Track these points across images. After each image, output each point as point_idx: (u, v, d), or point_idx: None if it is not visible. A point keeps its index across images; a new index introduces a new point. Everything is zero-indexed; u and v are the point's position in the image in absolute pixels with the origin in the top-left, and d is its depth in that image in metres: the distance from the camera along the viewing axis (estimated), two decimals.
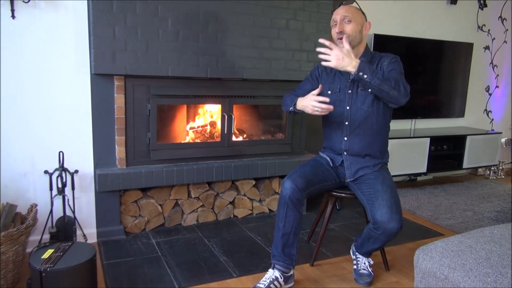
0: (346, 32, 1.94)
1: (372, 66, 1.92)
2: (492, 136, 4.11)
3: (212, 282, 2.06)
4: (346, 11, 1.97)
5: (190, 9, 2.40)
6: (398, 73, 1.94)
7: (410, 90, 1.87)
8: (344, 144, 2.06)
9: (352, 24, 1.96)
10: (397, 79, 1.86)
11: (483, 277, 1.31)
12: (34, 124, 2.27)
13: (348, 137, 2.05)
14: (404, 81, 1.90)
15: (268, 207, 3.02)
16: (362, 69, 1.78)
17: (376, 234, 1.90)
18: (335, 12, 2.01)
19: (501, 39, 4.40)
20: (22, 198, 2.26)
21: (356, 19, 1.97)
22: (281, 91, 2.85)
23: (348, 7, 1.99)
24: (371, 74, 1.79)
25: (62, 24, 2.25)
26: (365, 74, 1.78)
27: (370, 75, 1.79)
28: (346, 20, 1.95)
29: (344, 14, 1.96)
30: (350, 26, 1.95)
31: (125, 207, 2.55)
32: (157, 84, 2.48)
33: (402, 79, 1.91)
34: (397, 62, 1.99)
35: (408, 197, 3.55)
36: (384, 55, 2.04)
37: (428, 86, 3.97)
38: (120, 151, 2.45)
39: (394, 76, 1.90)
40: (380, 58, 2.03)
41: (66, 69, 2.30)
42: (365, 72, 1.78)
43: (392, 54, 2.03)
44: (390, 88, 1.82)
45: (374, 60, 2.03)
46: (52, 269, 1.68)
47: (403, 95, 1.85)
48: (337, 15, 1.99)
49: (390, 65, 1.98)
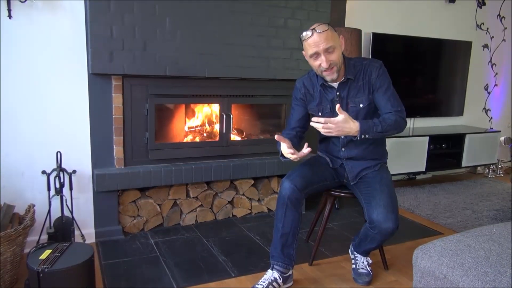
0: (334, 61, 1.83)
1: (370, 121, 1.83)
2: (491, 134, 4.11)
3: (211, 282, 2.05)
4: (326, 40, 1.78)
5: (188, 8, 2.39)
6: (389, 93, 1.90)
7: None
8: (342, 153, 2.06)
9: (337, 51, 1.83)
10: (395, 118, 1.84)
11: (482, 276, 1.30)
12: (31, 124, 2.26)
13: (345, 147, 2.05)
14: (397, 101, 1.90)
15: (267, 206, 3.02)
16: (363, 132, 1.79)
17: (372, 233, 1.90)
18: (311, 43, 1.81)
19: (500, 37, 4.40)
20: (19, 198, 2.25)
21: (336, 42, 1.83)
22: (280, 90, 2.86)
23: (325, 34, 1.79)
24: (373, 132, 1.81)
25: (59, 24, 2.24)
26: (367, 134, 1.80)
27: (373, 133, 1.81)
28: (329, 50, 1.81)
29: (326, 45, 1.79)
30: (336, 54, 1.83)
31: (123, 207, 2.54)
32: (155, 84, 2.47)
33: (395, 101, 1.89)
34: (384, 73, 1.92)
35: (407, 195, 3.55)
36: (367, 64, 1.94)
37: (427, 85, 3.97)
38: (118, 151, 2.45)
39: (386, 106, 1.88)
40: (364, 68, 1.93)
41: (64, 69, 2.29)
42: (367, 132, 1.80)
43: (376, 61, 1.95)
44: (393, 132, 1.88)
45: (359, 73, 1.93)
46: (50, 270, 1.67)
47: (403, 127, 1.89)
48: (316, 47, 1.80)
49: (378, 79, 1.90)
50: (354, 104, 1.95)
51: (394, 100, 1.90)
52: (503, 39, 4.42)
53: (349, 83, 1.95)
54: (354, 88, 1.95)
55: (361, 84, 1.94)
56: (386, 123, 1.83)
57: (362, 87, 1.94)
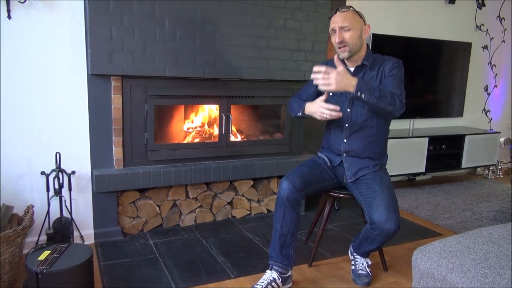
0: (346, 40, 1.93)
1: (370, 83, 1.89)
2: (491, 135, 4.11)
3: (210, 283, 2.05)
4: (343, 20, 1.92)
5: (187, 9, 2.39)
6: (397, 79, 1.94)
7: (408, 93, 1.89)
8: (344, 145, 2.06)
9: (351, 32, 1.93)
10: (394, 93, 1.86)
11: (481, 278, 1.30)
12: (30, 124, 2.26)
13: (347, 138, 2.05)
14: (402, 90, 1.92)
15: (267, 207, 3.02)
16: (359, 89, 1.79)
17: (374, 234, 1.90)
18: (332, 20, 1.97)
19: (500, 38, 4.40)
20: (18, 199, 2.25)
21: (354, 25, 1.93)
22: (279, 91, 2.85)
23: (345, 14, 1.93)
24: (369, 93, 1.80)
25: (59, 25, 2.24)
26: (363, 94, 1.79)
27: (368, 94, 1.80)
28: (344, 29, 1.93)
29: (342, 24, 1.92)
30: (349, 34, 1.93)
31: (122, 208, 2.54)
32: (154, 85, 2.47)
33: (400, 88, 1.92)
34: (399, 68, 1.98)
35: (406, 197, 3.55)
36: (386, 59, 2.03)
37: (427, 86, 3.97)
38: (118, 152, 2.45)
39: (391, 85, 1.91)
40: (382, 62, 2.02)
41: (63, 70, 2.29)
42: (362, 91, 1.79)
43: (395, 59, 2.02)
44: (386, 105, 1.83)
45: (376, 64, 2.02)
46: (49, 271, 1.67)
47: (398, 109, 1.86)
48: (334, 24, 1.95)
49: (392, 70, 1.96)
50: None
51: (398, 87, 1.92)
52: (502, 40, 4.42)
53: (364, 69, 2.02)
54: (368, 76, 2.01)
55: (375, 74, 2.00)
56: (384, 91, 1.85)
57: (375, 77, 2.00)
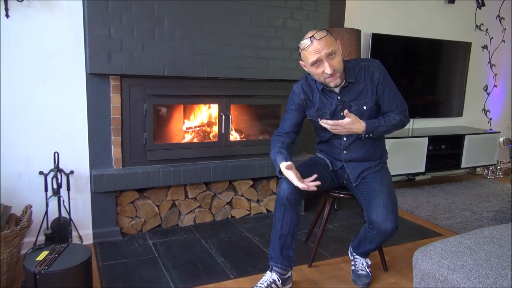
0: (336, 67, 1.79)
1: (376, 122, 1.90)
2: (490, 135, 4.10)
3: (209, 284, 2.04)
4: (327, 46, 1.75)
5: (186, 8, 2.38)
6: (392, 91, 1.96)
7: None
8: (344, 156, 2.05)
9: (337, 55, 1.79)
10: (399, 117, 1.94)
11: (482, 279, 1.29)
12: (28, 124, 2.25)
13: (347, 149, 2.03)
14: (401, 100, 1.98)
15: (266, 207, 3.01)
16: (368, 132, 1.88)
17: (372, 234, 1.89)
18: (313, 50, 1.75)
19: (499, 38, 4.40)
20: (16, 199, 2.24)
21: (336, 47, 1.80)
22: (279, 90, 2.85)
23: (325, 40, 1.75)
24: (378, 132, 1.91)
25: (57, 24, 2.22)
26: (371, 134, 1.90)
27: (377, 133, 1.91)
28: (331, 55, 1.77)
29: (327, 50, 1.75)
30: (337, 59, 1.79)
31: (121, 208, 2.53)
32: (153, 84, 2.46)
33: (399, 99, 1.97)
34: (385, 72, 1.94)
35: (406, 197, 3.54)
36: (365, 65, 1.92)
37: (426, 86, 3.96)
38: (116, 152, 2.43)
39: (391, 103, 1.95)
40: (364, 69, 1.91)
41: (61, 69, 2.27)
42: (371, 132, 1.89)
43: (372, 61, 1.94)
44: (395, 128, 1.96)
45: (359, 75, 1.91)
46: (47, 271, 1.66)
47: (405, 124, 1.99)
48: (318, 53, 1.75)
49: (381, 77, 1.91)
50: (358, 107, 1.94)
51: (399, 100, 1.98)
52: (502, 40, 4.41)
53: (350, 86, 1.93)
54: (356, 91, 1.93)
55: (363, 86, 1.92)
56: (391, 123, 1.93)
57: (365, 89, 1.92)
